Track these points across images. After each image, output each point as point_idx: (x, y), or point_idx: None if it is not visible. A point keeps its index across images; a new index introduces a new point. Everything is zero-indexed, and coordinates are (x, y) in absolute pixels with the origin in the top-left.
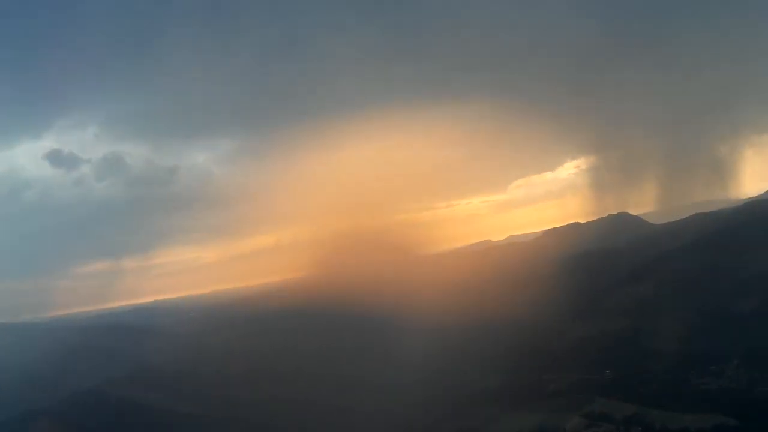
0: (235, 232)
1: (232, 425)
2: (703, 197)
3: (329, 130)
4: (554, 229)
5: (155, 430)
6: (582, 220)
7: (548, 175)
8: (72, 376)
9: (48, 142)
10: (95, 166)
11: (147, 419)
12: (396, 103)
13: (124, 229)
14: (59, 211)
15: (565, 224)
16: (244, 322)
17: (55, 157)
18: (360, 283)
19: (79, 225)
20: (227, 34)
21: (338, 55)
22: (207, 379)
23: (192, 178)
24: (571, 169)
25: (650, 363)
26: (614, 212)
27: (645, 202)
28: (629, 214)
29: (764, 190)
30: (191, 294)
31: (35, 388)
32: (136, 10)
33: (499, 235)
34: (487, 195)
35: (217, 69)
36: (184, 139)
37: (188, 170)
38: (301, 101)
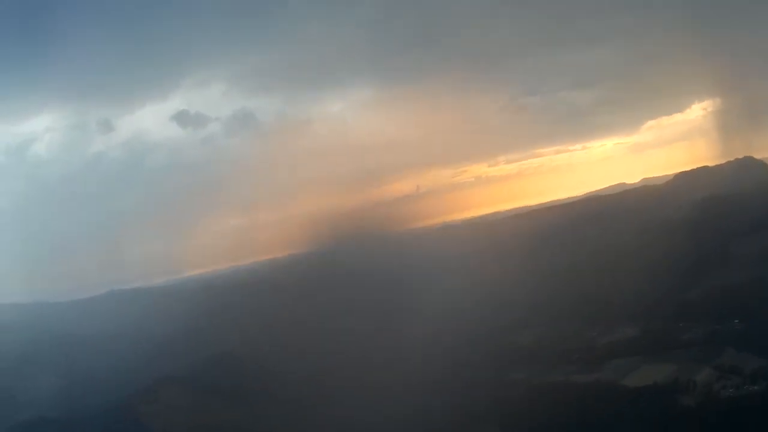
0: (373, 179)
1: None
2: None
3: (463, 79)
4: (685, 172)
5: (290, 393)
6: (710, 164)
7: (677, 117)
8: (205, 338)
9: (174, 103)
10: (224, 123)
11: (282, 382)
12: (529, 49)
13: (256, 183)
14: (189, 171)
15: (695, 167)
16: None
17: (183, 118)
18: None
19: (209, 183)
20: None
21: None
22: (326, 332)
23: (327, 129)
24: (699, 111)
25: None
26: (740, 156)
27: None
28: (754, 158)
29: None
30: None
31: (168, 353)
32: None
33: (633, 178)
34: (620, 137)
35: (344, 17)
36: (317, 90)
37: (323, 121)
38: (434, 45)
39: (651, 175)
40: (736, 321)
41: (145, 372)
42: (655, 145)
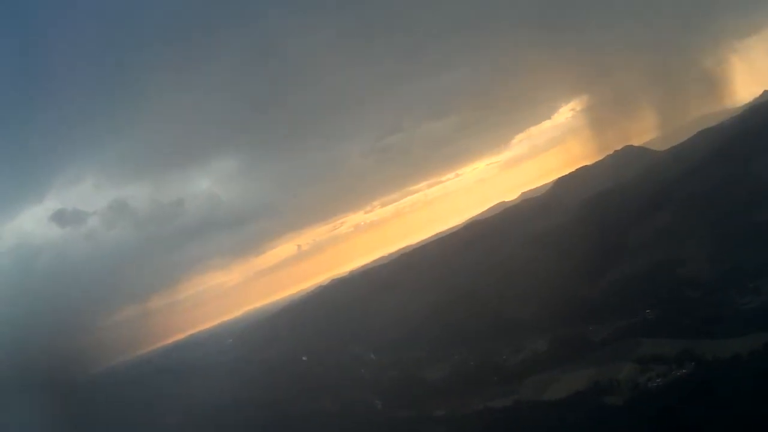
0: (253, 248)
1: None
2: (700, 112)
3: (324, 132)
4: (564, 176)
5: None
6: (589, 162)
7: (547, 124)
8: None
9: (51, 203)
10: (101, 216)
11: None
12: (382, 88)
13: (143, 271)
14: (76, 269)
15: (574, 170)
16: (281, 337)
17: (61, 217)
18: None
19: (99, 278)
20: (199, 59)
21: (310, 44)
22: (259, 406)
23: (199, 206)
24: (568, 113)
25: (688, 293)
26: (618, 147)
27: (646, 130)
28: (633, 146)
29: (758, 94)
30: (224, 320)
31: None
32: (103, 59)
33: (512, 194)
34: (491, 156)
35: (197, 95)
36: (183, 169)
37: (194, 199)
38: (287, 103)
39: (530, 187)
40: (647, 311)
41: None
42: (529, 156)
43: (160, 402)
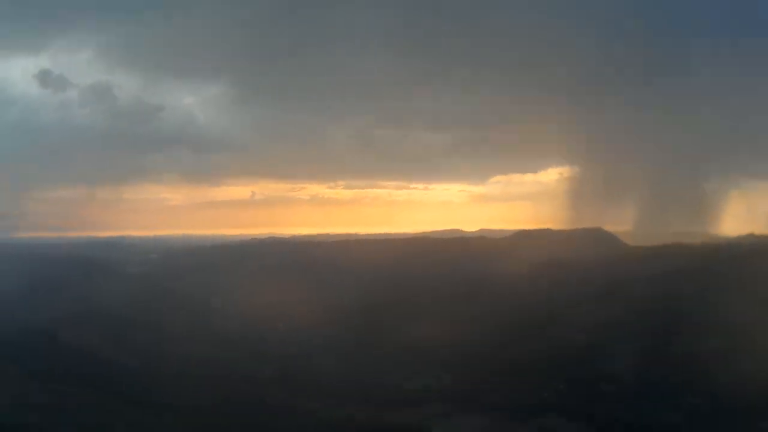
0: (210, 179)
1: (168, 381)
2: (680, 228)
3: (321, 97)
4: (526, 230)
5: (96, 379)
6: (554, 227)
7: (529, 177)
8: (17, 307)
9: (43, 61)
10: (82, 92)
11: (85, 367)
12: (394, 81)
13: (99, 159)
14: (37, 132)
15: (538, 228)
16: (202, 270)
17: (45, 77)
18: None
19: (55, 149)
20: None
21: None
22: (153, 331)
23: (175, 120)
24: (554, 175)
25: (603, 385)
26: (589, 225)
27: (622, 222)
28: (603, 230)
29: (744, 234)
30: (156, 234)
31: None
32: None
33: (471, 227)
34: (465, 184)
35: (222, 17)
36: (174, 79)
37: (173, 111)
38: (296, 60)
39: (490, 227)
40: (561, 386)
41: None
42: (500, 199)
43: (61, 290)
